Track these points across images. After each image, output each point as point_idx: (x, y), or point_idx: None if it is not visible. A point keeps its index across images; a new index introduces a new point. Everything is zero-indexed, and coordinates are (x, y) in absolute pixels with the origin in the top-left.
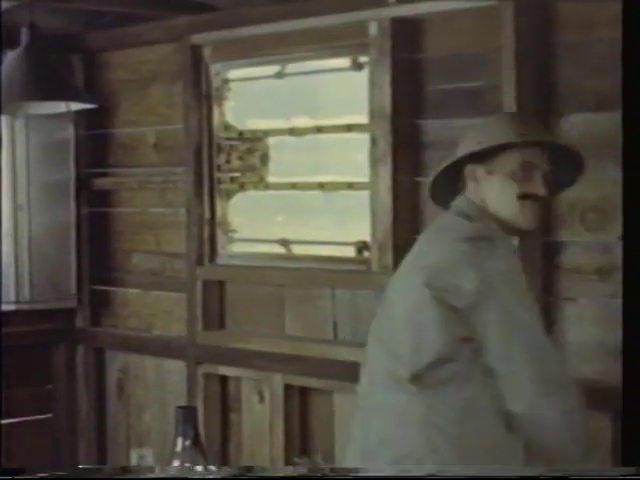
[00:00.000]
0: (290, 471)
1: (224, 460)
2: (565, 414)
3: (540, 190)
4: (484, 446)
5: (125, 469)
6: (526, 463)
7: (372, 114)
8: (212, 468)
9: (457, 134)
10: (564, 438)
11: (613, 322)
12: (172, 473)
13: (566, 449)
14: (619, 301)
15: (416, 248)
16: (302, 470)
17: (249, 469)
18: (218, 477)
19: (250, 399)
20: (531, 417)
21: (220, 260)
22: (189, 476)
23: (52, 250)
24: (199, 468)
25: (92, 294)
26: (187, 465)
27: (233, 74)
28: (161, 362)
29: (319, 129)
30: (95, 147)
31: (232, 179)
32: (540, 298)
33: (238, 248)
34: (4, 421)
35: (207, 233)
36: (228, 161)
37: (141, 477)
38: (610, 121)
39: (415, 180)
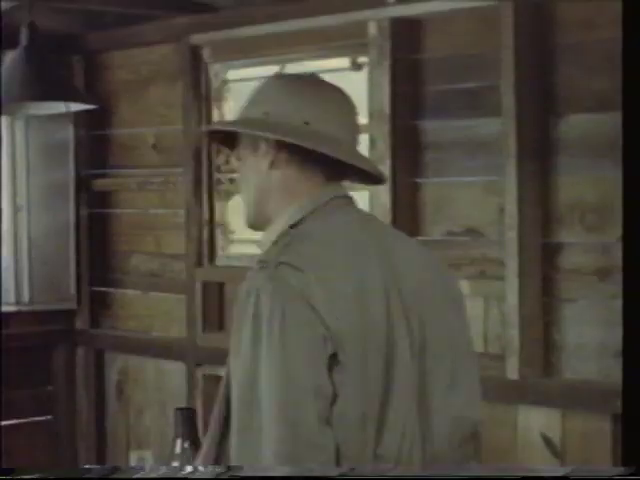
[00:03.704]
0: (288, 471)
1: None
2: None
3: None
4: None
5: (117, 469)
6: None
7: (371, 115)
8: (201, 468)
9: (457, 135)
10: None
11: (613, 323)
12: (164, 473)
13: None
14: (619, 302)
15: None
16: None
17: (238, 468)
18: (214, 477)
19: None
20: None
21: (219, 261)
22: (182, 476)
23: (52, 251)
24: (189, 468)
25: (92, 295)
26: (182, 466)
27: (232, 74)
28: (160, 364)
29: None
30: (95, 148)
31: (231, 180)
32: (540, 299)
33: (237, 249)
34: (4, 422)
35: (206, 234)
36: (227, 162)
37: (135, 477)
38: (610, 121)
39: (414, 181)
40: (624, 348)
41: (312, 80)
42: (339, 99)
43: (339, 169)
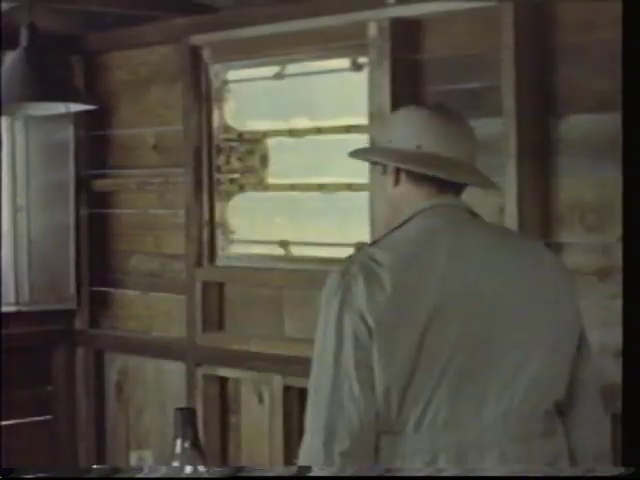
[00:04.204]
0: (289, 471)
1: (223, 461)
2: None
3: None
4: None
5: (116, 470)
6: None
7: (371, 115)
8: (201, 469)
9: None
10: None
11: (613, 323)
12: (163, 473)
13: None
14: (619, 302)
15: None
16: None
17: (239, 469)
18: (214, 477)
19: (249, 400)
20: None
21: (219, 261)
22: (182, 476)
23: (51, 251)
24: (189, 469)
25: (91, 295)
26: (182, 466)
27: (232, 75)
28: (160, 364)
29: (318, 130)
30: (95, 148)
31: (231, 180)
32: None
33: (237, 249)
34: (4, 422)
35: (206, 234)
36: (227, 162)
37: (134, 477)
38: (610, 122)
39: None
40: (624, 348)
41: (428, 109)
42: (451, 122)
43: (451, 182)
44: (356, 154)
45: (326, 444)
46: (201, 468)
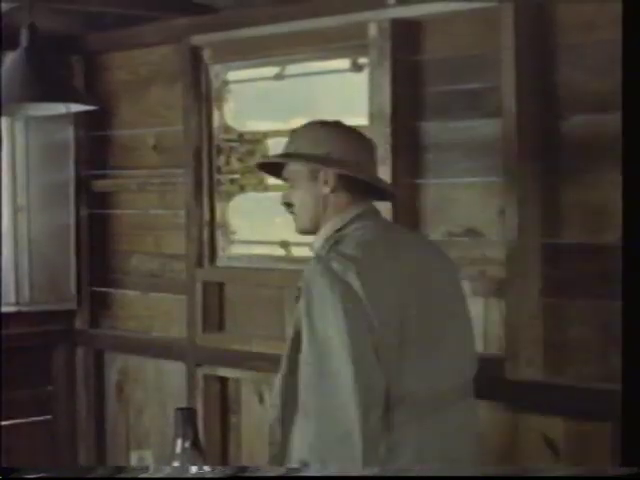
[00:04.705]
0: (288, 471)
1: (224, 461)
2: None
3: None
4: None
5: (120, 469)
6: None
7: (372, 116)
8: (206, 468)
9: (457, 136)
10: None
11: (613, 323)
12: (167, 473)
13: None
14: (619, 303)
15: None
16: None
17: (243, 469)
18: (215, 477)
19: (250, 401)
20: None
21: (220, 262)
22: (185, 476)
23: (52, 252)
24: (194, 469)
25: (92, 296)
26: (183, 466)
27: (233, 75)
28: (160, 364)
29: None
30: (95, 149)
31: (232, 181)
32: (540, 299)
33: (238, 250)
34: (4, 422)
35: (207, 235)
36: (228, 163)
37: (137, 477)
38: (610, 122)
39: (415, 182)
40: (624, 348)
41: (353, 128)
42: (368, 142)
43: (365, 191)
44: (289, 157)
45: (365, 413)
46: (206, 468)
